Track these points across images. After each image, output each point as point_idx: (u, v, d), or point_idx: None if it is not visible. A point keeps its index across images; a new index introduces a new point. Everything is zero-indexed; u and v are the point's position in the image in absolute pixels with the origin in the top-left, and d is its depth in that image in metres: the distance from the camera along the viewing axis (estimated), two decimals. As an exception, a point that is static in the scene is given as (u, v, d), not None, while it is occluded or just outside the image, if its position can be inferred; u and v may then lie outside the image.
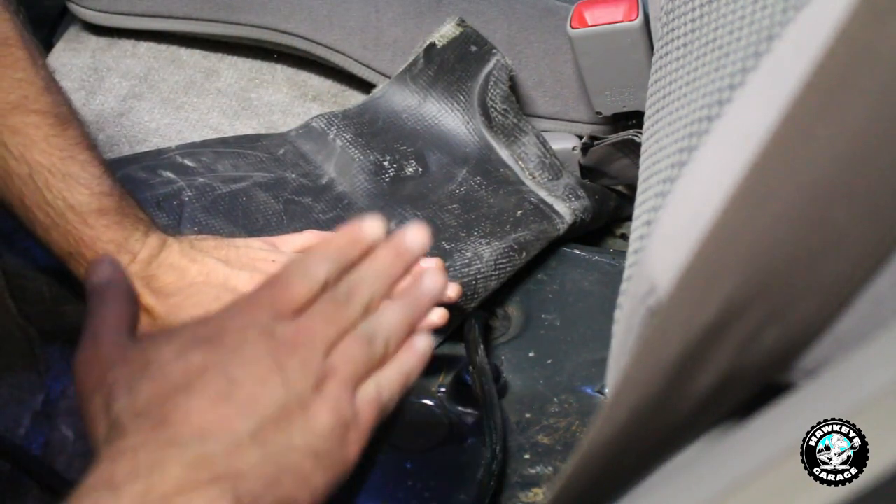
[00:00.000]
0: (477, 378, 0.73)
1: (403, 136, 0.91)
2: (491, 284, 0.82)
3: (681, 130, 0.55)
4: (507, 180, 0.89)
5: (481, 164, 0.90)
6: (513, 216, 0.86)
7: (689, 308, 0.39)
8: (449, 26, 0.94)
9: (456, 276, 0.80)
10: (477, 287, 0.81)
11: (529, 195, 0.88)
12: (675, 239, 0.44)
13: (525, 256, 0.83)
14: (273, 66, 1.01)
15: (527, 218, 0.86)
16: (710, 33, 0.58)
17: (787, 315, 0.37)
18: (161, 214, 0.81)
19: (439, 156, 0.90)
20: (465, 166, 0.89)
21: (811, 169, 0.36)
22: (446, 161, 0.90)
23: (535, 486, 0.71)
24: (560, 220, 0.86)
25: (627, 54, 0.87)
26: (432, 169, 0.90)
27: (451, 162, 0.90)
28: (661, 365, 0.39)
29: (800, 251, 0.37)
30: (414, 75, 0.93)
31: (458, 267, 0.81)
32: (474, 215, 0.86)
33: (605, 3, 0.86)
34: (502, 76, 0.92)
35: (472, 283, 0.80)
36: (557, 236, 0.86)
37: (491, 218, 0.86)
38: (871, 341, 0.37)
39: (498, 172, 0.89)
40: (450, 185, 0.89)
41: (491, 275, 0.81)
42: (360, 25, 0.97)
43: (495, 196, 0.87)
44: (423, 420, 0.74)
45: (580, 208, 0.88)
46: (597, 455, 0.40)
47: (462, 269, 0.80)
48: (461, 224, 0.85)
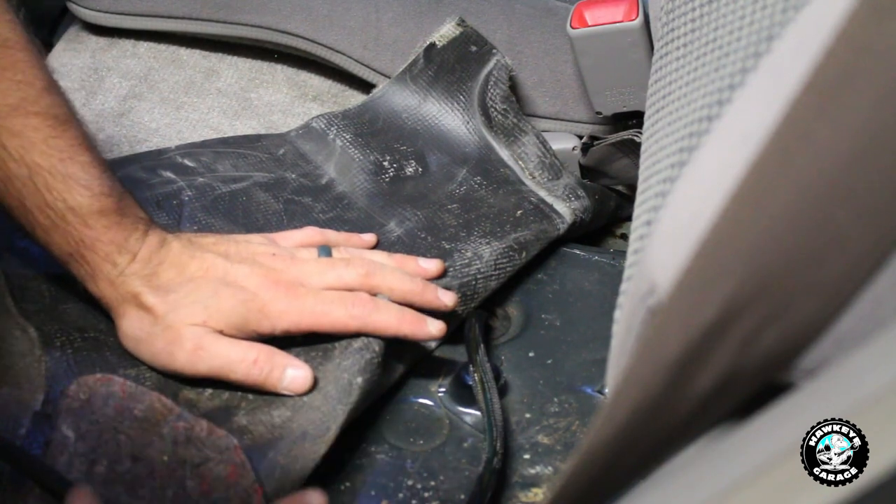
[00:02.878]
0: (478, 377, 0.73)
1: (403, 136, 0.91)
2: (491, 284, 0.81)
3: (681, 130, 0.55)
4: (507, 180, 0.89)
5: (481, 164, 0.90)
6: (513, 216, 0.86)
7: (689, 308, 0.39)
8: (449, 26, 0.94)
9: (456, 275, 0.80)
10: (477, 287, 0.80)
11: (529, 195, 0.88)
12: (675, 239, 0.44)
13: (525, 256, 0.83)
14: (273, 66, 1.01)
15: (527, 218, 0.86)
16: (710, 33, 0.58)
17: (787, 315, 0.37)
18: (161, 214, 0.81)
19: (439, 156, 0.90)
20: (464, 166, 0.89)
21: (811, 169, 0.36)
22: (446, 161, 0.90)
23: (535, 486, 0.71)
24: (560, 219, 0.86)
25: (627, 54, 0.87)
26: (432, 169, 0.90)
27: (451, 162, 0.90)
28: (661, 365, 0.39)
29: (800, 251, 0.37)
30: (414, 75, 0.93)
31: (458, 266, 0.81)
32: (474, 215, 0.86)
33: (605, 3, 0.86)
34: (502, 76, 0.92)
35: (471, 283, 0.80)
36: (557, 236, 0.86)
37: (491, 218, 0.86)
38: (871, 341, 0.37)
39: (498, 172, 0.89)
40: (450, 184, 0.89)
41: (491, 275, 0.81)
42: (360, 25, 0.97)
43: (495, 196, 0.87)
44: (423, 420, 0.75)
45: (580, 208, 0.88)
46: (597, 455, 0.40)
47: (462, 269, 0.80)
48: (461, 224, 0.85)
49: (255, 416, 0.69)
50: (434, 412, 0.75)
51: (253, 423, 0.69)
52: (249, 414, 0.70)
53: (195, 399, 0.71)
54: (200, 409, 0.70)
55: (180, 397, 0.70)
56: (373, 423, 0.74)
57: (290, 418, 0.69)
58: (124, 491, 0.64)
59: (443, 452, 0.72)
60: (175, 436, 0.66)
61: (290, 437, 0.68)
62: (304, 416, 0.69)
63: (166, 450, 0.65)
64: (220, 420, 0.69)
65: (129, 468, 0.64)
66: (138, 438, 0.65)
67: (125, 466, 0.64)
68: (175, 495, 0.64)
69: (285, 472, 0.66)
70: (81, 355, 0.72)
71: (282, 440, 0.68)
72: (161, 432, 0.66)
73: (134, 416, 0.66)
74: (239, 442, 0.66)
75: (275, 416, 0.69)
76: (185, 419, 0.66)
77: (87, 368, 0.70)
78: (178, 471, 0.65)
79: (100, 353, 0.72)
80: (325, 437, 0.68)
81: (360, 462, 0.71)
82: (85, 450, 0.65)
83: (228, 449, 0.65)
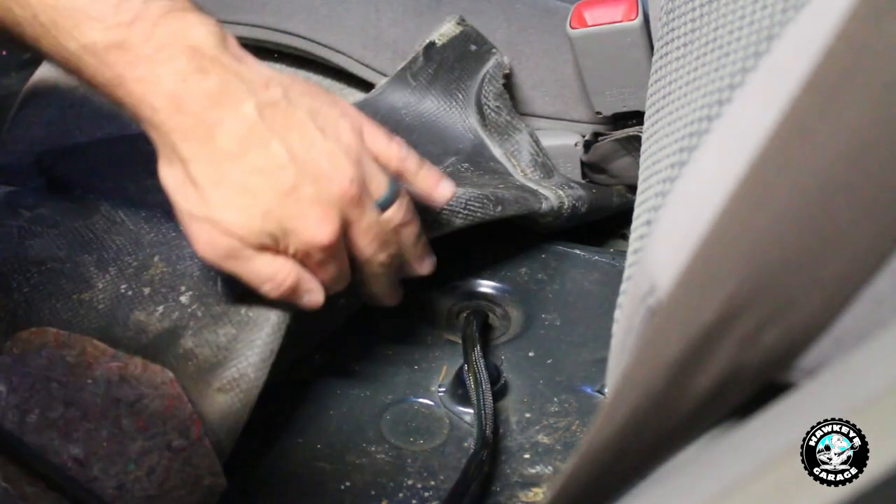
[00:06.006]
0: (472, 375, 0.73)
1: (399, 129, 0.91)
2: (456, 221, 0.79)
3: (681, 130, 0.55)
4: (496, 171, 0.89)
5: (472, 157, 0.90)
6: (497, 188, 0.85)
7: (689, 308, 0.39)
8: (449, 25, 0.94)
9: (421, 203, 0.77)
10: (440, 216, 0.78)
11: (516, 182, 0.87)
12: (675, 239, 0.44)
13: (500, 210, 0.81)
14: (272, 66, 1.01)
15: (508, 188, 0.85)
16: (710, 33, 0.58)
17: (787, 315, 0.37)
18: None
19: (431, 147, 0.90)
20: (455, 156, 0.89)
21: (811, 169, 0.36)
22: (438, 152, 0.90)
23: (535, 486, 0.71)
24: (545, 199, 0.85)
25: (627, 54, 0.87)
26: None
27: (444, 152, 0.90)
28: (661, 365, 0.39)
29: (800, 251, 0.37)
30: (414, 72, 0.93)
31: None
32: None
33: (605, 3, 0.86)
34: (497, 74, 0.92)
35: (433, 212, 0.77)
36: (539, 209, 0.84)
37: (472, 183, 0.85)
38: (871, 341, 0.37)
39: (488, 165, 0.89)
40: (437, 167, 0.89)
41: (458, 211, 0.79)
42: (360, 25, 0.97)
43: (480, 179, 0.87)
44: (423, 420, 0.75)
45: (572, 195, 0.87)
46: (597, 455, 0.40)
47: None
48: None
49: (202, 336, 0.70)
50: (434, 412, 0.75)
51: (199, 344, 0.69)
52: (196, 334, 0.70)
53: (145, 321, 0.71)
54: (149, 334, 0.70)
55: (131, 320, 0.71)
56: (373, 423, 0.74)
57: (234, 336, 0.69)
58: (58, 436, 0.64)
59: (443, 452, 0.72)
60: (108, 377, 0.66)
61: (234, 360, 0.68)
62: (247, 335, 0.69)
63: (99, 391, 0.65)
64: (166, 343, 0.69)
65: (62, 413, 0.65)
66: (71, 384, 0.65)
67: (58, 412, 0.65)
68: (110, 434, 0.64)
69: (228, 401, 0.67)
70: (36, 292, 0.72)
71: (225, 364, 0.68)
72: (94, 375, 0.66)
73: (66, 363, 0.66)
74: (183, 368, 0.67)
75: (220, 334, 0.69)
76: (119, 359, 0.66)
77: (41, 301, 0.71)
78: (113, 410, 0.65)
79: (55, 284, 0.73)
80: (267, 361, 0.68)
81: (360, 462, 0.71)
82: (17, 401, 0.65)
83: (164, 383, 0.66)
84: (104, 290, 0.73)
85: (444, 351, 0.79)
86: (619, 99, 0.90)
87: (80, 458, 0.63)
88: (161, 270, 0.74)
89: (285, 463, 0.71)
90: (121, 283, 0.74)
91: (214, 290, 0.72)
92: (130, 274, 0.74)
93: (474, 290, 0.84)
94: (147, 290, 0.73)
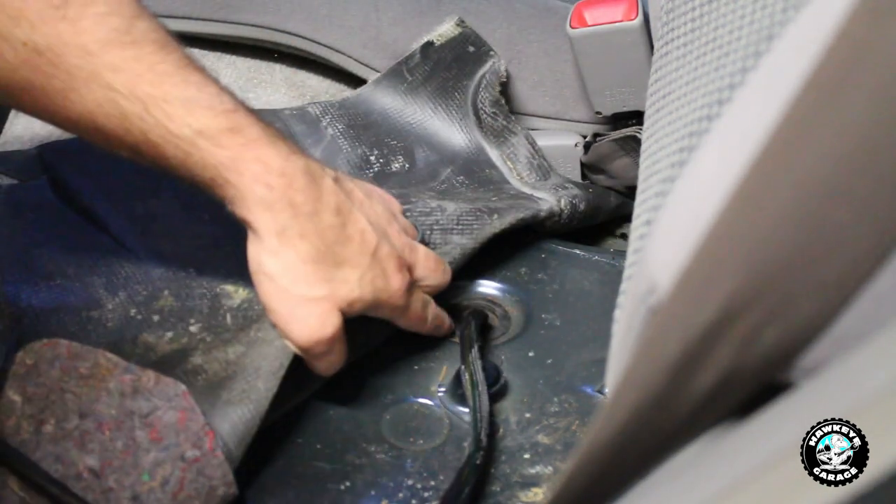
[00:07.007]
0: (469, 375, 0.73)
1: (395, 130, 0.91)
2: (453, 238, 0.80)
3: (681, 130, 0.55)
4: (491, 180, 0.89)
5: (468, 165, 0.90)
6: (489, 200, 0.85)
7: (689, 308, 0.39)
8: (448, 25, 0.94)
9: (413, 222, 0.78)
10: (433, 238, 0.79)
11: (511, 190, 0.88)
12: (675, 239, 0.44)
13: (496, 219, 0.81)
14: (272, 65, 1.01)
15: (502, 199, 0.85)
16: (710, 33, 0.58)
17: (787, 315, 0.37)
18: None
19: (427, 153, 0.90)
20: (450, 165, 0.89)
21: (811, 169, 0.36)
22: (434, 159, 0.90)
23: (535, 486, 0.71)
24: (543, 201, 0.85)
25: (627, 54, 0.87)
26: (419, 165, 0.90)
27: (439, 160, 0.90)
28: (661, 365, 0.39)
29: (800, 251, 0.37)
30: (410, 68, 0.93)
31: (415, 214, 0.80)
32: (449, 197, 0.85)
33: (605, 2, 0.86)
34: (493, 81, 0.92)
35: (427, 233, 0.78)
36: (538, 211, 0.84)
37: (465, 197, 0.85)
38: (871, 341, 0.37)
39: (483, 173, 0.90)
40: (432, 181, 0.89)
41: (452, 228, 0.80)
42: (360, 25, 0.97)
43: (475, 192, 0.87)
44: (423, 420, 0.75)
45: (568, 195, 0.87)
46: (597, 455, 0.40)
47: (419, 217, 0.80)
48: (433, 197, 0.85)
49: (211, 355, 0.70)
50: (434, 412, 0.75)
51: (208, 361, 0.70)
52: (205, 353, 0.70)
53: (154, 343, 0.72)
54: (157, 353, 0.71)
55: (139, 340, 0.72)
56: (373, 423, 0.74)
57: (244, 353, 0.70)
58: (74, 446, 0.65)
59: (443, 452, 0.72)
60: (122, 389, 0.66)
61: (243, 374, 0.68)
62: (257, 351, 0.69)
63: (113, 403, 0.66)
64: (176, 361, 0.70)
65: (78, 424, 0.65)
66: (85, 395, 0.66)
67: (73, 423, 0.65)
68: (125, 446, 0.65)
69: (239, 412, 0.67)
70: (44, 304, 0.73)
71: (235, 378, 0.68)
72: (108, 387, 0.66)
73: (80, 375, 0.67)
74: (193, 382, 0.67)
75: (229, 352, 0.70)
76: (132, 371, 0.67)
77: (49, 313, 0.71)
78: (127, 422, 0.65)
79: (64, 299, 0.74)
80: (277, 374, 0.68)
81: (360, 462, 0.71)
82: (32, 411, 0.65)
83: (177, 396, 0.66)
84: (114, 311, 0.74)
85: (444, 351, 0.79)
86: (619, 99, 0.90)
87: (95, 468, 0.64)
88: (170, 303, 0.76)
89: (285, 463, 0.71)
90: (130, 308, 0.75)
91: (224, 323, 0.74)
92: (140, 301, 0.76)
93: (474, 290, 0.84)
94: (156, 317, 0.75)
